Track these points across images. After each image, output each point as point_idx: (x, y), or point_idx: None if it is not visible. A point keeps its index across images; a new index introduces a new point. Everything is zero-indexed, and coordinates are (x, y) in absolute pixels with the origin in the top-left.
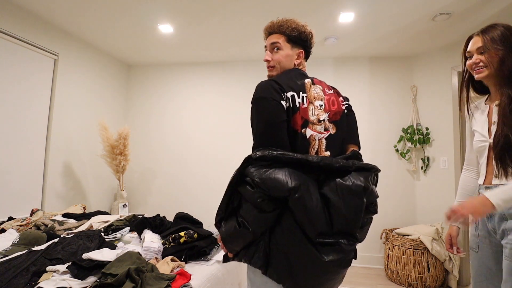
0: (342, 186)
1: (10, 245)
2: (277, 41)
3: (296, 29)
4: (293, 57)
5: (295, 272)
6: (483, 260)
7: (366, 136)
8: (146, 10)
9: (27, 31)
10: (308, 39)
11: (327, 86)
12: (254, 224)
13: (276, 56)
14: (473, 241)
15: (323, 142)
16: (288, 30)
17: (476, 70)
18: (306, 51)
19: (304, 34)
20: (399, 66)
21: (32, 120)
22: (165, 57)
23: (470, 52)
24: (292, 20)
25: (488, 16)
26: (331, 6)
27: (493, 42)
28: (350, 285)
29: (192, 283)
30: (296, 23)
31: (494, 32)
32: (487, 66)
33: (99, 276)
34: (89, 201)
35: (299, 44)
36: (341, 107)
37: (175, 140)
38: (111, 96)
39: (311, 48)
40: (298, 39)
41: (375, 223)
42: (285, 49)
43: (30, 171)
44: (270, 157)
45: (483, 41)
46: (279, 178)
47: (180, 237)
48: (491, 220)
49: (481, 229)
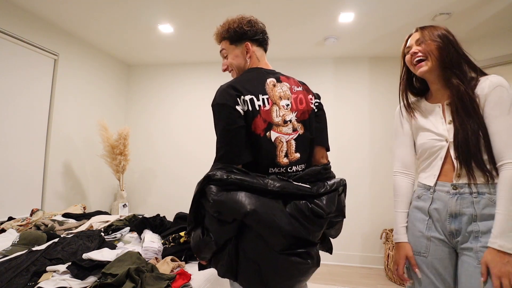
0: (303, 210)
1: (10, 245)
2: (223, 47)
3: (230, 29)
4: (243, 54)
5: (266, 279)
6: (433, 264)
7: (366, 136)
8: (146, 10)
9: (27, 31)
10: (246, 30)
11: (296, 82)
12: (215, 233)
13: (227, 61)
14: (420, 244)
15: (292, 144)
16: (225, 33)
17: (417, 65)
18: (253, 39)
19: (239, 27)
20: (399, 66)
21: (32, 120)
22: (165, 57)
23: (409, 47)
24: (225, 23)
25: (488, 16)
26: (331, 6)
27: (431, 34)
28: (350, 285)
29: (192, 283)
30: (228, 23)
31: (433, 28)
32: (427, 58)
33: (99, 276)
34: (89, 201)
35: (241, 39)
36: (310, 105)
37: (175, 140)
38: (111, 96)
39: (259, 32)
40: (236, 36)
41: (375, 223)
42: (232, 51)
43: (30, 171)
44: (228, 182)
45: (421, 34)
46: (236, 201)
47: (180, 237)
48: (456, 221)
49: (436, 231)
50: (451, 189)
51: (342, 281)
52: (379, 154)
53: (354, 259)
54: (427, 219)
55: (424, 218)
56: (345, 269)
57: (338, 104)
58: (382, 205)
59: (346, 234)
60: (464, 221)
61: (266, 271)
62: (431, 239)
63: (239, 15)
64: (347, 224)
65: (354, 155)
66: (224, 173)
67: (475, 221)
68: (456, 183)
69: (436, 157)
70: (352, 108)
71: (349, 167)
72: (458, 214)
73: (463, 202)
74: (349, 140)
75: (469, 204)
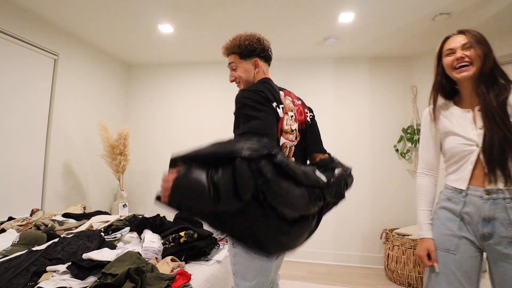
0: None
1: (10, 245)
2: (232, 61)
3: (241, 45)
4: (252, 68)
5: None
6: (461, 262)
7: (366, 136)
8: (146, 10)
9: (27, 31)
10: (257, 47)
11: (296, 97)
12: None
13: (236, 74)
14: (450, 242)
15: (292, 149)
16: (236, 49)
17: (460, 69)
18: (261, 55)
19: (250, 44)
20: (399, 66)
21: (32, 120)
22: (165, 57)
23: (453, 49)
24: (237, 38)
25: (488, 16)
26: (331, 6)
27: (476, 39)
28: (350, 285)
29: (192, 283)
30: (239, 39)
31: (475, 32)
32: (472, 64)
33: (99, 276)
34: (89, 201)
35: (251, 55)
36: (306, 118)
37: (175, 140)
38: (111, 96)
39: (267, 50)
40: (247, 52)
41: (375, 223)
42: (241, 65)
43: (30, 171)
44: (283, 169)
45: (469, 38)
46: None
47: (180, 237)
48: (489, 225)
49: (468, 232)
50: (484, 194)
51: (342, 281)
52: (379, 154)
53: (354, 259)
54: (459, 220)
55: (455, 219)
56: (345, 269)
57: (338, 104)
58: (382, 205)
59: (346, 234)
60: (497, 225)
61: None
62: (462, 239)
63: (248, 32)
64: (347, 224)
65: (354, 155)
66: (283, 158)
67: (511, 226)
68: (489, 188)
69: (466, 161)
70: (352, 108)
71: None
72: (491, 219)
73: (496, 207)
74: (349, 140)
75: (502, 210)
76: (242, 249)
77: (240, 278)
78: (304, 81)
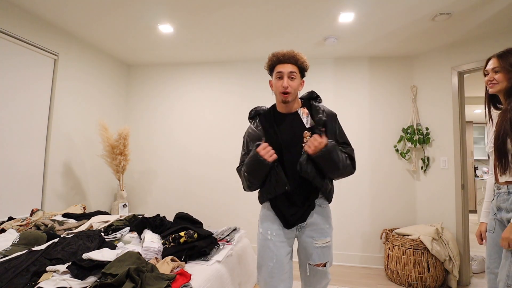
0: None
1: (10, 245)
2: (294, 71)
3: (305, 63)
4: (300, 86)
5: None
6: (496, 240)
7: (366, 136)
8: (146, 10)
9: (27, 31)
10: (307, 70)
11: None
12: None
13: (293, 84)
14: (490, 224)
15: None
16: (300, 63)
17: (490, 85)
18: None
19: (307, 67)
20: (399, 66)
21: (32, 120)
22: (165, 57)
23: (487, 71)
24: (301, 54)
25: (488, 16)
26: (331, 6)
27: (507, 65)
28: (350, 285)
29: (192, 283)
30: (303, 57)
31: (508, 57)
32: (498, 84)
33: (99, 276)
34: (89, 201)
35: (304, 75)
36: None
37: (175, 140)
38: (111, 96)
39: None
40: (304, 71)
41: (375, 223)
42: (298, 79)
43: (30, 171)
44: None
45: (498, 63)
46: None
47: (180, 237)
48: (499, 213)
49: (497, 215)
50: (497, 189)
51: (342, 281)
52: (379, 154)
53: (354, 259)
54: (495, 208)
55: (493, 207)
56: (345, 269)
57: (338, 104)
58: (382, 205)
59: (346, 234)
60: (503, 213)
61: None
62: (496, 221)
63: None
64: (347, 224)
65: (354, 155)
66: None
67: (508, 212)
68: (500, 182)
69: (492, 159)
70: (352, 108)
71: None
72: (500, 208)
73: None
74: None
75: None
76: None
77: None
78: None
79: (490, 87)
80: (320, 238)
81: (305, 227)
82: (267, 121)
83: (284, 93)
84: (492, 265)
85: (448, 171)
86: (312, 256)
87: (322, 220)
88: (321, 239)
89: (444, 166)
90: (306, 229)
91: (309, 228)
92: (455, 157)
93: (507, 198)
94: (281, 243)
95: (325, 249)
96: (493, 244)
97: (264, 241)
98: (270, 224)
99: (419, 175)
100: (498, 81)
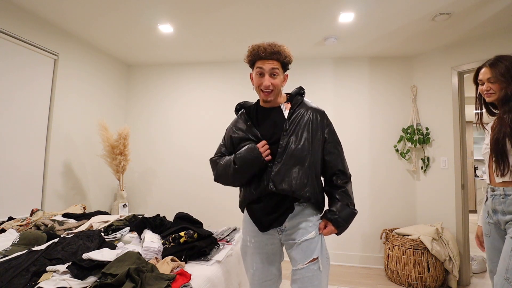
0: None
1: (10, 245)
2: (276, 67)
3: (287, 57)
4: (283, 81)
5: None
6: (494, 242)
7: (366, 136)
8: (146, 10)
9: (27, 31)
10: (290, 64)
11: None
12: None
13: (277, 82)
14: (485, 228)
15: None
16: (282, 58)
17: (486, 95)
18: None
19: (291, 60)
20: (399, 66)
21: (32, 120)
22: (165, 57)
23: (482, 80)
24: (285, 47)
25: (488, 16)
26: (331, 6)
27: (499, 75)
28: (350, 285)
29: (192, 283)
30: (288, 51)
31: (500, 66)
32: (495, 93)
33: (99, 276)
34: (89, 201)
35: (287, 69)
36: None
37: (175, 140)
38: (111, 96)
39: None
40: (287, 65)
41: (375, 223)
42: (280, 75)
43: (30, 171)
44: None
45: (492, 74)
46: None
47: (180, 237)
48: (495, 215)
49: (492, 219)
50: (490, 191)
51: (342, 281)
52: (379, 154)
53: (354, 259)
54: (487, 210)
55: (488, 209)
56: (345, 269)
57: (338, 104)
58: (382, 205)
59: (346, 234)
60: (499, 215)
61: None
62: (490, 224)
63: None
64: None
65: (354, 155)
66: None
67: (505, 215)
68: (496, 183)
69: (487, 161)
70: (352, 108)
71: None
72: (495, 210)
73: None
74: (349, 140)
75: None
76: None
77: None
78: (304, 81)
79: (487, 96)
80: (301, 238)
81: (285, 230)
82: (250, 116)
83: (265, 92)
84: (495, 268)
85: (448, 171)
86: (294, 258)
87: (303, 220)
88: (303, 238)
89: (444, 166)
90: (286, 232)
91: (290, 230)
92: (455, 157)
93: (503, 200)
94: (258, 249)
95: (308, 243)
96: (492, 248)
97: (245, 247)
98: (250, 229)
99: (419, 175)
100: (495, 90)
